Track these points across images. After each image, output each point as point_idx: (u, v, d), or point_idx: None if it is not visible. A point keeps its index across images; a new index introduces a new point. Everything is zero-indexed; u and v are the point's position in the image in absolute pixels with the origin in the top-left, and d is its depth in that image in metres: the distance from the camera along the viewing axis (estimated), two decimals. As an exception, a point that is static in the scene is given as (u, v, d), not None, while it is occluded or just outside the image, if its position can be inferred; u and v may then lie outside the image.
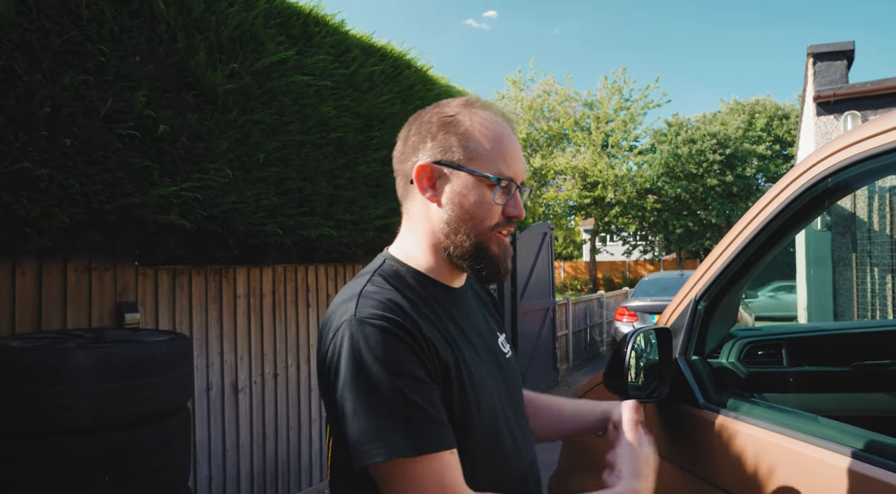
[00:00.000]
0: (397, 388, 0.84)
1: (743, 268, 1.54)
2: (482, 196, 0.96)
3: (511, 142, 1.00)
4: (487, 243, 0.97)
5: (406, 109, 4.17)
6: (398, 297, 0.93)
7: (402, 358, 0.86)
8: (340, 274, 4.29)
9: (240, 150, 3.00)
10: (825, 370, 1.77)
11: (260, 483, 3.67)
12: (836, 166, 1.27)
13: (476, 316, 1.09)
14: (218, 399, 3.39)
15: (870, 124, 1.21)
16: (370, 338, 0.86)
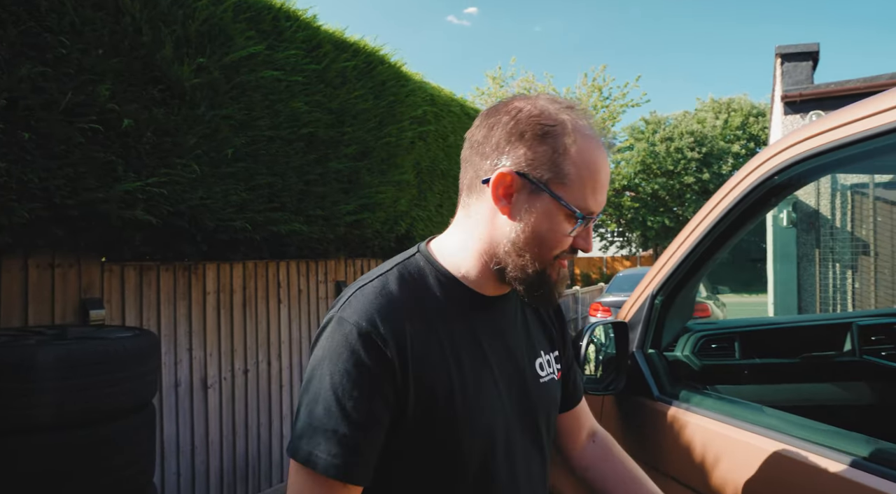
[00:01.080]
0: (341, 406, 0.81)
1: (697, 264, 1.58)
2: (559, 225, 0.87)
3: (605, 172, 0.89)
4: (549, 271, 0.90)
5: (379, 105, 4.17)
6: (399, 304, 0.87)
7: (364, 372, 0.82)
8: (312, 270, 4.28)
9: (208, 146, 2.98)
10: (775, 362, 1.82)
11: (230, 480, 3.65)
12: (783, 164, 1.31)
13: (512, 331, 0.99)
14: (187, 395, 3.36)
15: (812, 125, 1.25)
16: (337, 339, 0.83)
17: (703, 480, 1.34)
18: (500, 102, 0.94)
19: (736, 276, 19.69)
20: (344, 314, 0.85)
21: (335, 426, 0.81)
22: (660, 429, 1.48)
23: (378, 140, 4.15)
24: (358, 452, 0.81)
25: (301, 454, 0.82)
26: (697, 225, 1.53)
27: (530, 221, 0.87)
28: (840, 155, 1.18)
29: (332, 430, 0.81)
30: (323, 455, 0.80)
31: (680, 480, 1.42)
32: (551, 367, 1.05)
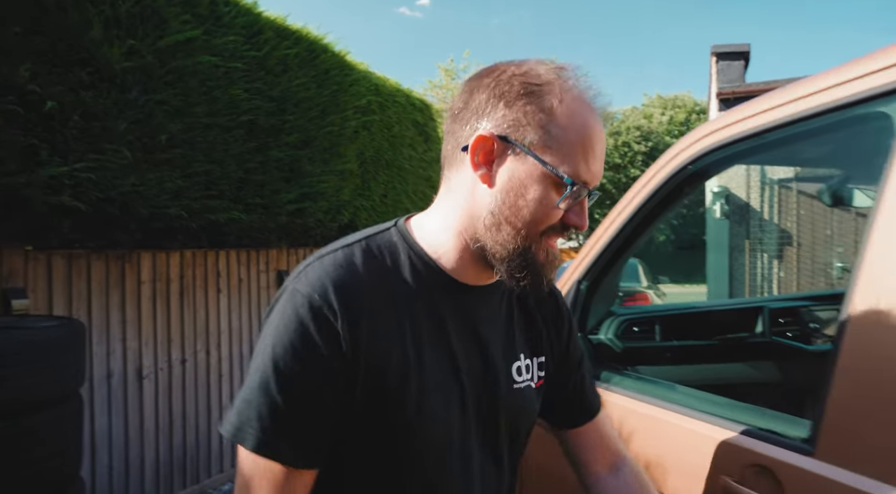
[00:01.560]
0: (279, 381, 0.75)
1: (620, 251, 1.65)
2: (545, 194, 0.77)
3: (599, 137, 0.79)
4: (535, 249, 0.79)
5: (322, 94, 4.13)
6: (360, 279, 0.79)
7: (308, 347, 0.75)
8: (253, 259, 4.22)
9: (140, 131, 2.90)
10: (692, 344, 1.93)
11: (167, 472, 3.58)
12: (695, 155, 1.38)
13: (490, 326, 0.89)
14: (120, 386, 3.28)
15: (718, 119, 1.33)
16: (287, 310, 0.77)
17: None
18: (486, 67, 0.83)
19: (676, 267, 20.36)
20: (298, 285, 0.78)
21: (271, 402, 0.75)
22: (580, 408, 1.55)
23: (320, 129, 4.12)
24: (291, 432, 0.75)
25: (231, 427, 0.77)
26: (619, 214, 1.60)
27: (513, 190, 0.77)
28: (742, 147, 1.26)
29: (266, 406, 0.75)
30: (252, 433, 0.75)
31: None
32: (530, 373, 0.94)
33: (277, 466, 0.76)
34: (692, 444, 1.18)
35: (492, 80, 0.79)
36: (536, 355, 0.96)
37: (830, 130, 1.09)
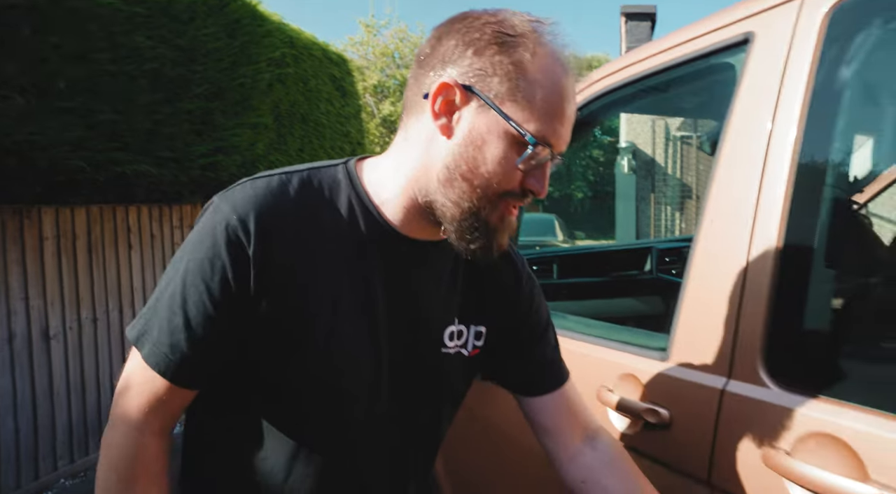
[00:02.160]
0: (186, 291, 0.74)
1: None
2: (506, 152, 0.72)
3: (570, 99, 0.74)
4: (489, 211, 0.74)
5: (232, 45, 4.01)
6: (289, 208, 0.76)
7: (220, 262, 0.73)
8: (166, 214, 4.12)
9: (35, 76, 2.75)
10: (587, 281, 2.10)
11: (80, 433, 3.52)
12: (581, 102, 1.49)
13: (425, 284, 0.85)
14: (24, 347, 3.17)
15: (598, 70, 1.45)
16: (207, 227, 0.75)
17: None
18: (459, 14, 0.78)
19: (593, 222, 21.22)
20: (223, 202, 0.75)
21: (171, 316, 0.74)
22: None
23: (232, 81, 4.01)
24: (184, 350, 0.74)
25: (135, 331, 0.78)
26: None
27: (472, 143, 0.72)
28: (617, 95, 1.38)
29: (167, 319, 0.75)
30: (150, 342, 0.76)
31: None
32: (463, 340, 0.90)
33: (160, 379, 0.76)
34: (578, 362, 1.32)
35: (463, 26, 0.74)
36: (475, 323, 0.91)
37: (689, 80, 1.22)
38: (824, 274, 0.88)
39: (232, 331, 0.75)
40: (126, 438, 0.77)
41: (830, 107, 0.90)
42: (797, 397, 0.85)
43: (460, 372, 0.91)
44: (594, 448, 0.94)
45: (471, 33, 0.73)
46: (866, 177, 1.08)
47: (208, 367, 0.78)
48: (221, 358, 0.77)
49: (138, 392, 0.77)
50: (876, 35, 0.89)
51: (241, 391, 0.81)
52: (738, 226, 0.97)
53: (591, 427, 0.97)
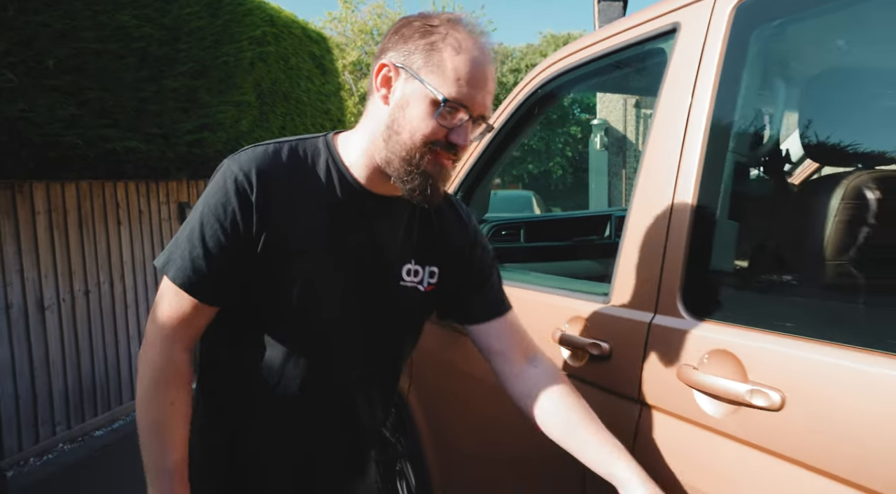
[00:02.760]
0: (200, 233, 0.95)
1: (489, 163, 1.95)
2: (428, 110, 0.92)
3: (479, 69, 0.93)
4: (419, 158, 0.93)
5: (215, 23, 4.10)
6: (281, 168, 0.98)
7: (230, 206, 0.94)
8: (153, 190, 4.23)
9: (24, 54, 2.84)
10: (551, 244, 2.29)
11: (76, 400, 3.68)
12: (542, 81, 1.67)
13: (386, 231, 1.06)
14: (21, 317, 3.30)
15: (558, 52, 1.62)
16: (221, 178, 0.96)
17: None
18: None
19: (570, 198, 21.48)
20: (231, 163, 0.97)
21: (192, 246, 0.95)
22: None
23: (216, 59, 4.11)
24: (204, 271, 0.95)
25: (161, 260, 0.98)
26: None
27: (402, 106, 0.94)
28: (573, 75, 1.56)
29: (189, 249, 0.95)
30: (174, 267, 0.96)
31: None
32: (419, 277, 1.10)
33: (186, 296, 0.97)
34: (538, 309, 1.52)
35: (401, 25, 0.98)
36: (429, 264, 1.11)
37: (631, 62, 1.40)
38: (728, 226, 1.08)
39: (239, 260, 0.97)
40: (161, 351, 0.98)
41: (735, 87, 1.09)
42: (704, 324, 1.05)
43: (417, 304, 1.13)
44: (535, 367, 1.14)
45: (404, 30, 0.97)
46: (764, 144, 1.28)
47: (223, 287, 0.99)
48: (233, 282, 0.98)
49: (169, 310, 0.98)
50: (769, 28, 1.07)
51: (245, 315, 1.03)
52: (663, 187, 1.17)
53: (532, 350, 1.18)
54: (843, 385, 0.82)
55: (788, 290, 1.10)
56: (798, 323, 0.93)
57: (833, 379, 0.84)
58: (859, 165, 1.18)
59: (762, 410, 0.92)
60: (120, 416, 3.98)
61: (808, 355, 0.88)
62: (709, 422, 1.01)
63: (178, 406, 0.99)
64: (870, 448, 0.77)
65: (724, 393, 0.97)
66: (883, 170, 1.19)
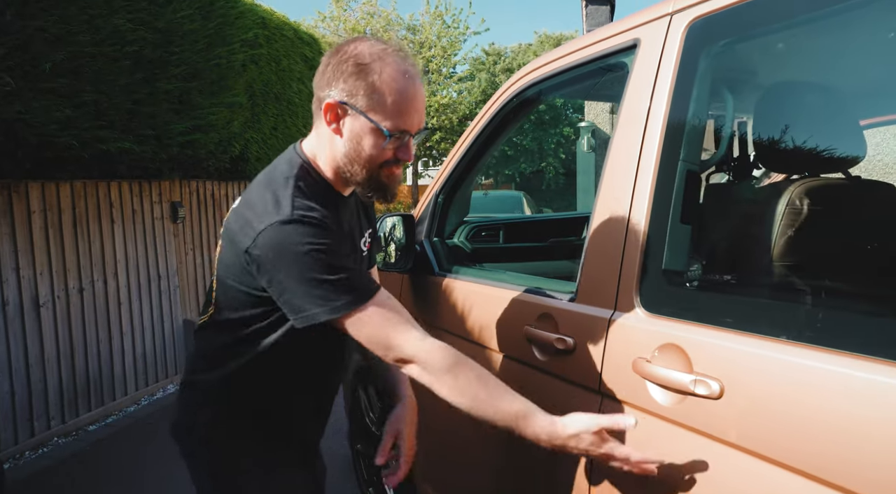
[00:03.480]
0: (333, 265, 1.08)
1: (469, 166, 2.03)
2: (376, 141, 1.12)
3: (412, 97, 1.13)
4: (377, 176, 1.17)
5: (207, 26, 4.17)
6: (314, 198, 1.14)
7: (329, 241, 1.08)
8: (146, 190, 4.30)
9: (21, 58, 2.91)
10: (529, 245, 2.38)
11: (71, 396, 3.74)
12: (521, 87, 1.75)
13: (353, 216, 1.33)
14: (17, 315, 3.37)
15: (532, 62, 1.71)
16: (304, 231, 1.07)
17: (460, 326, 1.83)
18: (338, 45, 1.18)
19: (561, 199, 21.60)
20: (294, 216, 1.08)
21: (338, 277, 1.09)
22: (437, 295, 1.95)
23: (208, 61, 4.18)
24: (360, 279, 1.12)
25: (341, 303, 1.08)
26: (467, 136, 1.96)
27: (355, 140, 1.14)
28: (546, 84, 1.65)
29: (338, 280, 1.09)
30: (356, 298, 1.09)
31: (450, 331, 1.90)
32: (365, 244, 1.42)
33: (384, 301, 1.12)
34: (509, 307, 1.61)
35: (336, 60, 1.14)
36: (370, 228, 1.47)
37: (598, 74, 1.49)
38: (680, 229, 1.16)
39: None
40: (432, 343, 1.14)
41: (688, 99, 1.17)
42: (657, 320, 1.14)
43: (370, 260, 1.49)
44: None
45: (340, 65, 1.13)
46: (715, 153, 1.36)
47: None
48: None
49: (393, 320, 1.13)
50: (719, 45, 1.16)
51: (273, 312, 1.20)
52: (622, 192, 1.25)
53: None
54: (777, 375, 0.91)
55: (732, 289, 1.19)
56: (738, 318, 1.01)
57: (767, 370, 0.92)
58: (806, 173, 1.27)
59: (704, 398, 1.01)
60: (113, 411, 4.05)
61: (745, 348, 0.97)
62: (660, 411, 1.10)
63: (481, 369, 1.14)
64: (802, 433, 0.86)
65: (671, 383, 1.06)
66: (826, 178, 1.28)
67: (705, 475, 1.00)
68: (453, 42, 20.37)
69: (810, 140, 1.21)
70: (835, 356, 0.85)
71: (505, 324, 1.60)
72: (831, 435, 0.82)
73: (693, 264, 1.21)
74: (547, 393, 1.41)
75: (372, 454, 2.44)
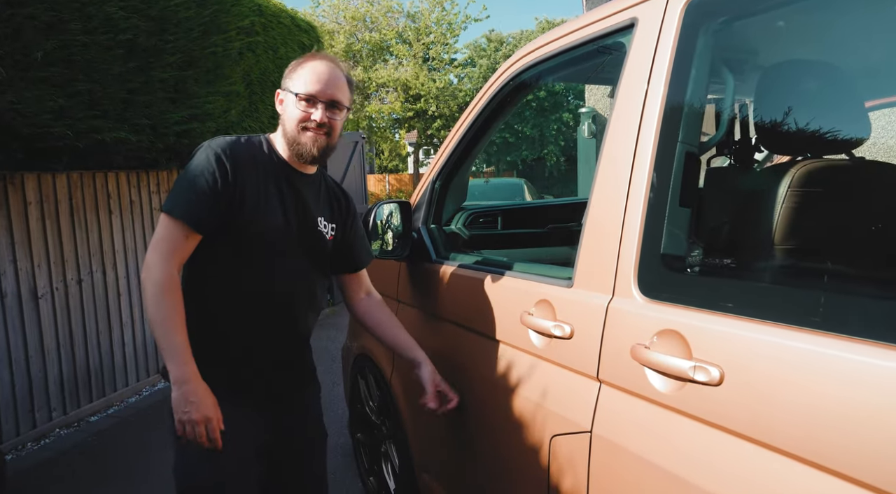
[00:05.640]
0: (189, 183, 1.43)
1: (466, 152, 2.00)
2: (294, 105, 1.51)
3: (322, 74, 1.51)
4: (299, 133, 1.51)
5: (202, 14, 4.11)
6: (241, 149, 1.51)
7: (212, 169, 1.43)
8: (143, 180, 4.27)
9: (11, 47, 2.87)
10: (528, 231, 2.35)
11: (72, 387, 3.74)
12: (518, 69, 1.72)
13: (309, 196, 1.60)
14: (15, 306, 3.36)
15: (527, 45, 1.67)
16: (204, 153, 1.47)
17: (458, 313, 1.81)
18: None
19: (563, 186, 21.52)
20: (209, 144, 1.49)
21: (186, 192, 1.43)
22: (434, 282, 1.93)
23: (204, 50, 4.13)
24: (195, 208, 1.42)
25: (167, 204, 1.43)
26: (463, 121, 1.93)
27: (285, 110, 1.54)
28: (542, 67, 1.61)
29: (183, 194, 1.43)
30: (177, 207, 1.42)
31: (447, 318, 1.88)
32: (326, 229, 1.66)
33: (182, 226, 1.42)
34: (508, 294, 1.58)
35: (290, 67, 1.57)
36: (331, 222, 1.67)
37: (595, 55, 1.46)
38: (679, 213, 1.14)
39: (218, 204, 1.44)
40: (162, 269, 1.40)
41: (686, 79, 1.14)
42: (655, 305, 1.12)
43: (326, 245, 1.66)
44: (370, 297, 1.82)
45: (287, 69, 1.57)
46: (714, 134, 1.33)
47: (208, 220, 1.44)
48: (212, 218, 1.44)
49: (168, 238, 1.42)
50: (717, 23, 1.13)
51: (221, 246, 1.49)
52: (619, 176, 1.22)
53: (368, 287, 1.82)
54: (779, 361, 0.89)
55: (732, 273, 1.16)
56: (738, 304, 0.99)
57: (768, 356, 0.90)
58: (807, 155, 1.24)
59: (704, 385, 0.99)
60: (114, 402, 4.05)
61: (746, 333, 0.95)
62: (659, 398, 1.08)
63: (177, 305, 1.41)
64: (804, 421, 0.84)
65: (670, 369, 1.04)
66: (829, 160, 1.25)
67: (705, 463, 0.98)
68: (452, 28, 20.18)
69: (813, 121, 1.18)
70: (838, 341, 0.83)
71: (502, 311, 1.58)
72: (834, 422, 0.80)
73: (692, 248, 1.18)
74: (545, 380, 1.40)
75: (371, 442, 2.44)
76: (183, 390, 1.37)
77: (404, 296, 2.12)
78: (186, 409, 1.37)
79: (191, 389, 1.37)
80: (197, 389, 1.38)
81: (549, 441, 1.35)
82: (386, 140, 23.40)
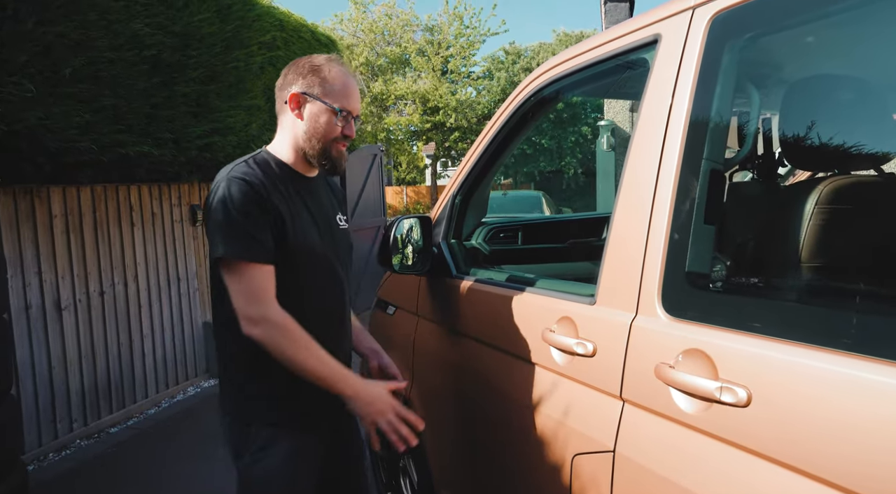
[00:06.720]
0: (239, 220, 1.35)
1: (487, 166, 1.99)
2: (330, 119, 1.46)
3: (353, 88, 1.50)
4: (330, 149, 1.48)
5: (225, 29, 4.18)
6: (259, 172, 1.43)
7: (250, 197, 1.37)
8: (165, 193, 4.33)
9: (41, 64, 2.94)
10: (548, 246, 2.34)
11: (93, 398, 3.78)
12: (543, 83, 1.71)
13: (322, 198, 1.59)
14: (39, 318, 3.41)
15: (549, 60, 1.67)
16: (232, 186, 1.37)
17: (478, 329, 1.80)
18: (294, 60, 1.53)
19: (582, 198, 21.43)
20: (229, 174, 1.40)
21: (243, 229, 1.36)
22: (455, 298, 1.93)
23: (226, 64, 4.20)
24: (262, 241, 1.37)
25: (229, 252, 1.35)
26: (485, 135, 1.93)
27: (312, 118, 1.47)
28: (566, 82, 1.61)
29: (241, 232, 1.35)
30: (246, 251, 1.35)
31: (468, 334, 1.87)
32: (342, 222, 1.67)
33: (253, 266, 1.37)
34: (529, 310, 1.57)
35: (294, 68, 1.49)
36: (343, 214, 1.70)
37: (618, 71, 1.45)
38: (703, 230, 1.12)
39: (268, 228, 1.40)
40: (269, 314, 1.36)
41: (711, 96, 1.13)
42: (680, 324, 1.10)
43: (350, 237, 1.70)
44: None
45: (299, 69, 1.49)
46: (740, 151, 1.32)
47: (272, 246, 1.40)
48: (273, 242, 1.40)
49: (249, 286, 1.37)
50: (743, 39, 1.12)
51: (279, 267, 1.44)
52: (643, 192, 1.21)
53: None
54: (808, 382, 0.87)
55: (758, 292, 1.14)
56: (766, 323, 0.97)
57: (797, 378, 0.88)
58: (835, 171, 1.22)
59: (730, 406, 0.97)
60: (134, 413, 4.09)
61: (774, 354, 0.93)
62: (684, 419, 1.06)
63: (306, 333, 1.39)
64: (835, 445, 0.82)
65: (696, 390, 1.02)
66: (857, 176, 1.23)
67: (732, 486, 0.96)
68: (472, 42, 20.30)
69: (840, 136, 1.16)
70: (869, 363, 0.81)
71: (524, 328, 1.57)
72: (866, 447, 0.78)
73: (717, 266, 1.17)
74: (567, 398, 1.38)
75: (389, 456, 2.42)
76: (360, 398, 1.43)
77: (424, 311, 2.12)
78: (370, 411, 1.44)
79: (362, 392, 1.43)
80: (367, 390, 1.44)
81: (571, 460, 1.34)
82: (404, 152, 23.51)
